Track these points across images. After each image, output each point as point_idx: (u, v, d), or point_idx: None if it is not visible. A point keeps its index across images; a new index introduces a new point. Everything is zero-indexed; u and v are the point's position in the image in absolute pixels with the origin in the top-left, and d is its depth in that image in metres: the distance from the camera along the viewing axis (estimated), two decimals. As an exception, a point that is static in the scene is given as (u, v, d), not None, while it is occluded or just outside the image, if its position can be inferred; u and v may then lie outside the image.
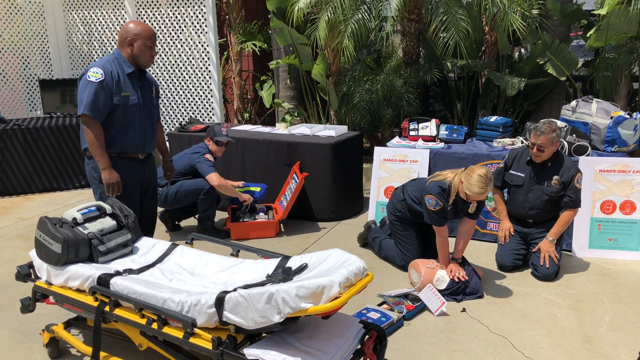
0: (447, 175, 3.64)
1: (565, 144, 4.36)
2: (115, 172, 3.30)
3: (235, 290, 2.29)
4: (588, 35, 5.43)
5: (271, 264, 2.73)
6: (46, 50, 7.22)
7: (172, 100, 7.16)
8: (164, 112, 7.21)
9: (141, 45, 3.30)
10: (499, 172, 4.12)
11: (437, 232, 3.70)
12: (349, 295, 2.20)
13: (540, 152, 3.79)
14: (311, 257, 2.59)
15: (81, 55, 7.38)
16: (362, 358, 2.51)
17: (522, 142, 4.61)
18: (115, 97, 3.26)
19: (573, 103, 4.75)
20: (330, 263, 2.46)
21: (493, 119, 4.94)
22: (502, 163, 4.15)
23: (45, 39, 7.19)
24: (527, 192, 3.96)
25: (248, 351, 2.26)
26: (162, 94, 7.18)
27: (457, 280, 3.63)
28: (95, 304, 2.61)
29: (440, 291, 3.57)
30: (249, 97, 8.07)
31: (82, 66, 7.40)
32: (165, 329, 2.43)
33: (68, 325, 2.96)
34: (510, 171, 4.04)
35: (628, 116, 4.41)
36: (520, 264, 4.06)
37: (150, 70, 7.11)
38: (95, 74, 3.20)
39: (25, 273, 2.93)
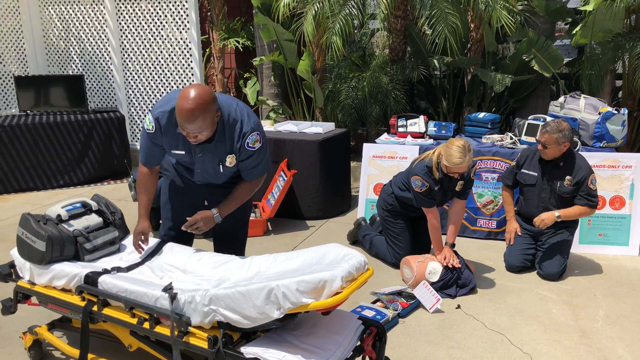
0: (429, 153, 3.63)
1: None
2: (140, 226, 2.78)
3: (232, 286, 2.19)
4: (574, 32, 5.45)
5: (264, 260, 2.63)
6: (21, 47, 7.00)
7: (153, 98, 7.01)
8: (144, 109, 7.05)
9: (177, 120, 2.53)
10: (511, 171, 4.04)
11: (428, 214, 3.65)
12: (350, 290, 2.12)
13: (544, 148, 3.72)
14: (308, 251, 2.51)
15: (58, 51, 7.17)
16: (362, 355, 2.44)
17: (512, 138, 4.60)
18: (169, 152, 2.79)
19: (561, 99, 4.75)
20: (329, 257, 2.38)
21: (481, 115, 4.92)
22: (514, 162, 4.07)
23: (20, 34, 6.97)
24: (539, 191, 3.87)
25: (246, 349, 2.17)
26: (142, 92, 7.01)
27: (450, 266, 3.57)
28: (83, 303, 2.49)
29: (433, 283, 3.52)
30: (232, 94, 7.97)
31: (59, 62, 7.20)
32: (158, 329, 2.32)
33: (52, 326, 2.82)
34: (523, 170, 3.95)
35: (616, 112, 4.43)
36: (529, 264, 3.95)
37: (130, 68, 6.95)
38: (148, 124, 2.68)
39: (6, 273, 2.78)
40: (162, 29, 6.75)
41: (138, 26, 6.83)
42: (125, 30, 6.88)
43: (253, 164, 2.78)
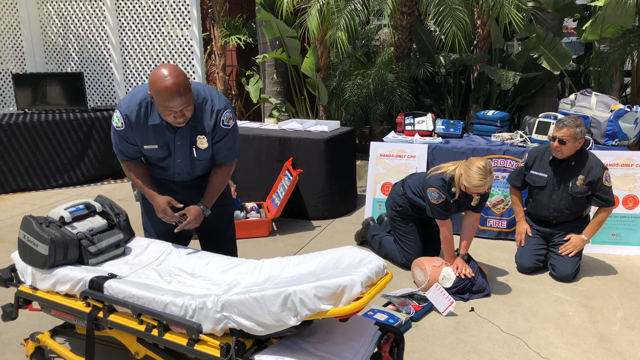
0: (448, 167, 3.53)
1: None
2: (160, 200, 2.75)
3: (245, 291, 2.10)
4: (583, 28, 5.36)
5: (276, 263, 2.54)
6: (19, 44, 6.88)
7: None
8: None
9: (159, 105, 2.52)
10: (519, 172, 3.94)
11: (441, 226, 3.57)
12: (371, 296, 2.03)
13: (561, 144, 3.61)
14: (323, 254, 2.42)
15: (56, 48, 7.05)
16: (379, 362, 2.34)
17: (522, 137, 4.50)
18: (141, 148, 2.73)
19: (572, 96, 4.66)
20: (346, 261, 2.29)
21: (490, 113, 4.83)
22: (521, 162, 3.96)
23: (18, 32, 6.85)
24: (551, 193, 3.77)
25: (260, 357, 2.07)
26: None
27: (463, 277, 3.49)
28: (87, 309, 2.39)
29: (446, 290, 3.43)
30: (233, 92, 7.84)
31: (57, 60, 7.08)
32: (167, 336, 2.22)
33: (55, 333, 2.72)
34: (532, 171, 3.85)
35: (628, 109, 4.34)
36: (542, 265, 3.86)
37: (130, 65, 6.84)
38: (117, 121, 2.65)
39: (7, 277, 2.67)
40: (162, 26, 6.65)
41: (138, 23, 6.71)
42: (125, 27, 6.77)
43: (229, 144, 2.79)
